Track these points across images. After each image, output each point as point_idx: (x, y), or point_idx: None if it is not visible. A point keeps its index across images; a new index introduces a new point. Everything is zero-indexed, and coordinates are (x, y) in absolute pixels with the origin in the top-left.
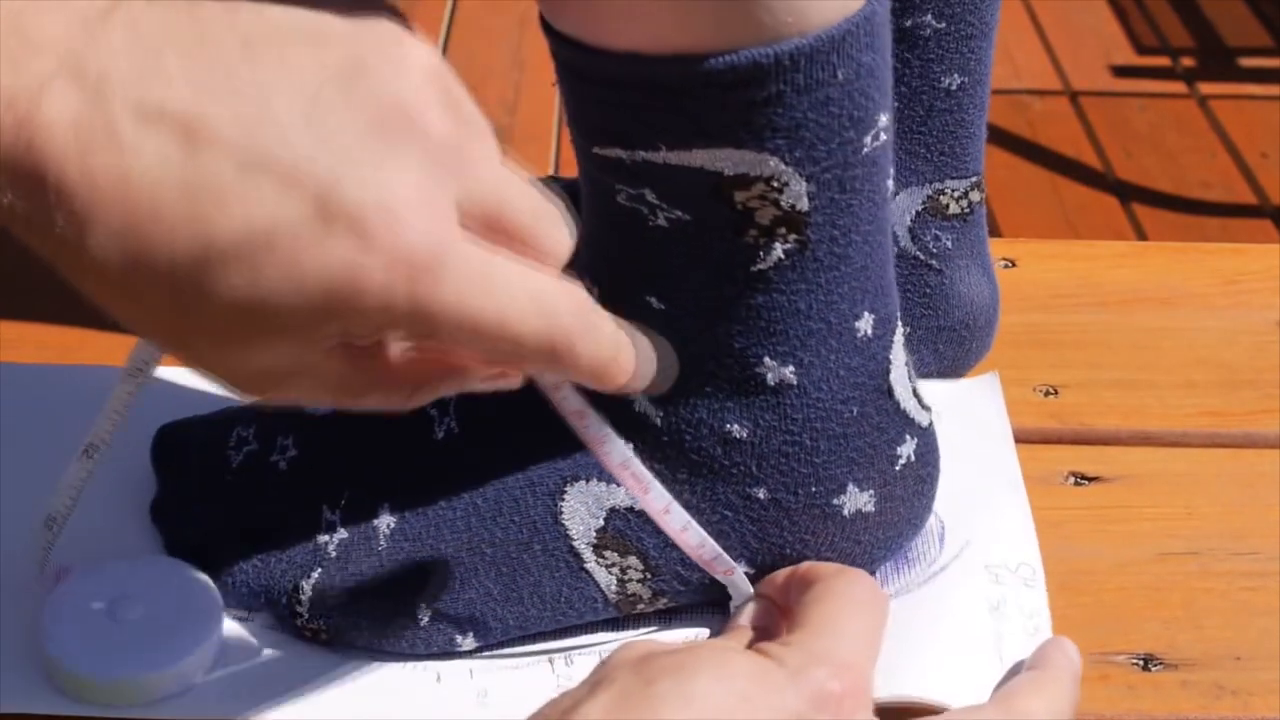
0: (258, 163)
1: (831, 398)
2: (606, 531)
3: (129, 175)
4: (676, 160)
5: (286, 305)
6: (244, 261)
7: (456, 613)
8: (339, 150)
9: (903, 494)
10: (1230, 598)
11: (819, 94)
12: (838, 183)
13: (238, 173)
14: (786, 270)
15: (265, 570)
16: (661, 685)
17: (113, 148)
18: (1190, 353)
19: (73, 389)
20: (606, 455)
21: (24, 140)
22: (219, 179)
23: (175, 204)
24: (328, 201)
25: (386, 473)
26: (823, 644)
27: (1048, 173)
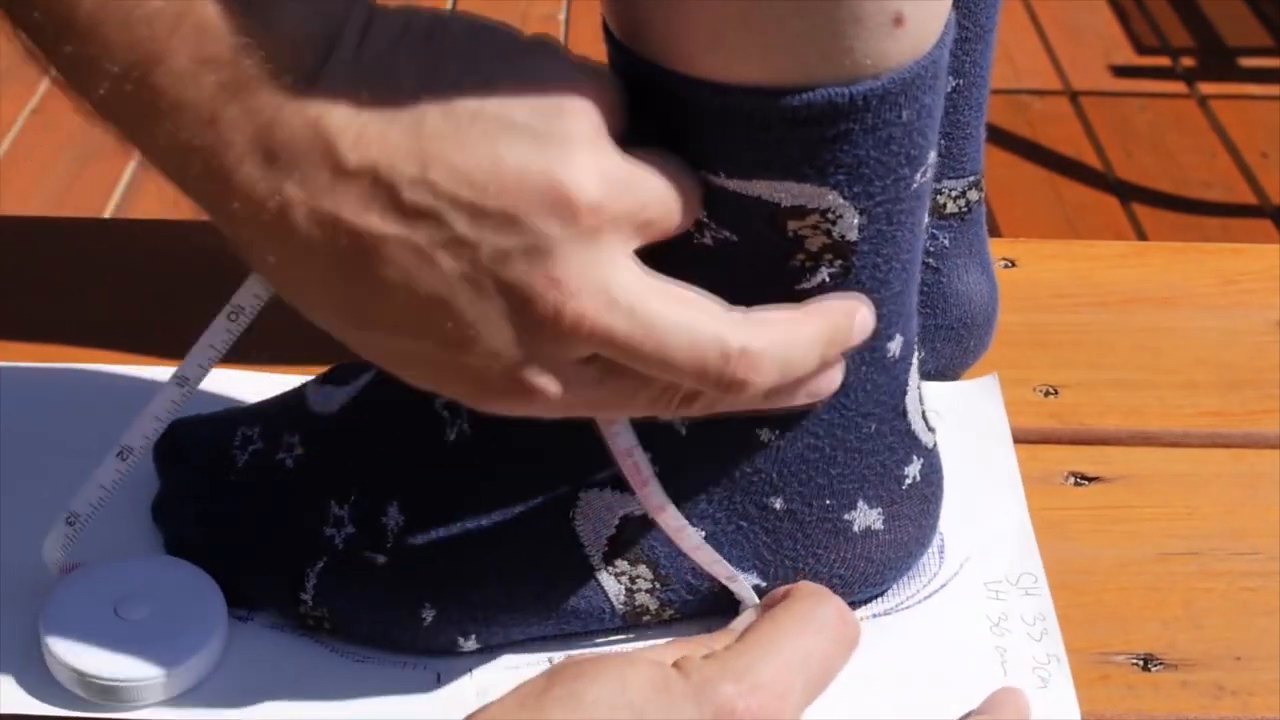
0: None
1: (854, 411)
2: (618, 540)
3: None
4: (735, 187)
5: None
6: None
7: (460, 614)
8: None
9: (909, 513)
10: (1230, 598)
11: (883, 133)
12: (886, 215)
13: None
14: (829, 291)
15: (268, 563)
16: (558, 689)
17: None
18: (1190, 353)
19: (73, 389)
20: (648, 497)
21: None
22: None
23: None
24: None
25: (397, 472)
26: (744, 661)
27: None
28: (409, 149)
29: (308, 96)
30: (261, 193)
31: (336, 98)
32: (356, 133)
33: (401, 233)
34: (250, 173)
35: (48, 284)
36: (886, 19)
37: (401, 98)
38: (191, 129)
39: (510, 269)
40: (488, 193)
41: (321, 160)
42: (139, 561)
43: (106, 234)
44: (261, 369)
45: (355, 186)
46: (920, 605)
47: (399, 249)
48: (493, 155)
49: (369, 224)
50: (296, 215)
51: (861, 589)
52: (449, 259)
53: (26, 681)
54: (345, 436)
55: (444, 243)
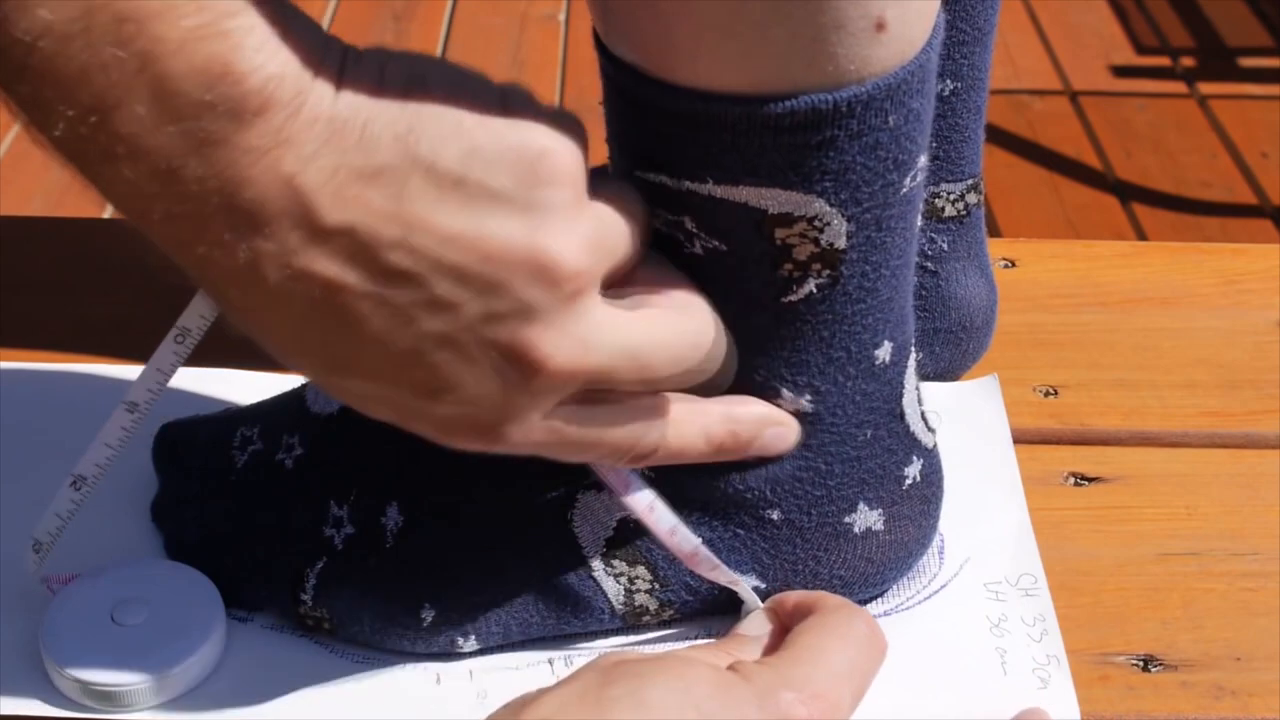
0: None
1: (846, 423)
2: (616, 541)
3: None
4: (722, 194)
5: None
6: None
7: (460, 614)
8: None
9: (910, 513)
10: (1230, 598)
11: (870, 139)
12: (875, 222)
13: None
14: (816, 303)
15: (268, 564)
16: (618, 688)
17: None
18: (1190, 353)
19: (73, 389)
20: (635, 503)
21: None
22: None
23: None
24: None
25: (396, 473)
26: (800, 671)
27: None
28: (390, 212)
29: (279, 152)
30: (229, 245)
31: (311, 155)
32: (334, 192)
33: (380, 291)
34: (218, 226)
35: (48, 284)
36: (869, 24)
37: (380, 157)
38: (152, 178)
39: (492, 330)
40: (471, 259)
41: (298, 219)
42: (136, 566)
43: (106, 234)
44: (261, 369)
45: (333, 245)
46: (920, 606)
47: (377, 306)
48: (476, 223)
49: (346, 282)
50: (268, 268)
51: (862, 589)
52: (429, 318)
53: (27, 683)
54: (345, 437)
55: (424, 303)
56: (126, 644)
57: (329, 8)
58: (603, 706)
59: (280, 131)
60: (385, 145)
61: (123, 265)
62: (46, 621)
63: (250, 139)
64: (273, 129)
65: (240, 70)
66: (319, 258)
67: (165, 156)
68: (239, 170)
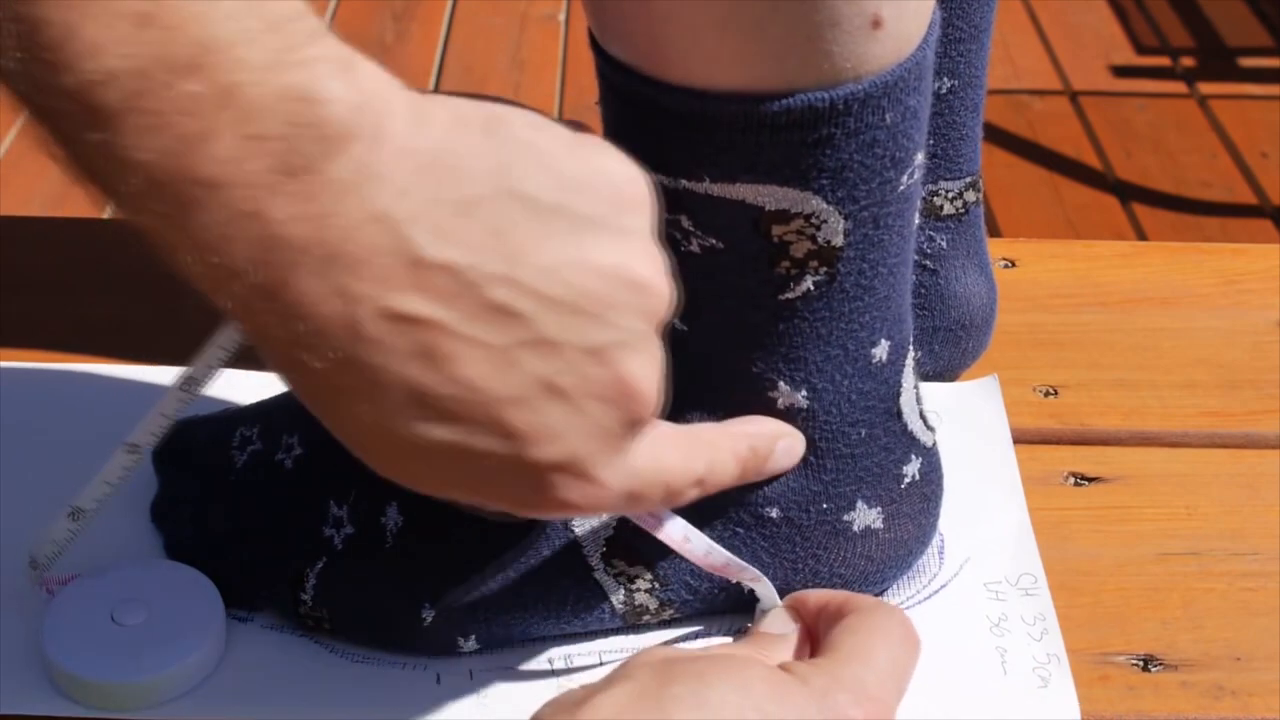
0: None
1: (840, 420)
2: (617, 541)
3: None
4: (719, 192)
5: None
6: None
7: (460, 615)
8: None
9: (909, 512)
10: (1230, 598)
11: (866, 136)
12: (872, 219)
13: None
14: (813, 300)
15: (268, 563)
16: (678, 688)
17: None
18: (1190, 353)
19: (73, 389)
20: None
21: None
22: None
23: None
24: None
25: None
26: (851, 671)
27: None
28: (493, 246)
29: (369, 186)
30: (319, 291)
31: (404, 189)
32: (433, 227)
33: (483, 334)
34: (307, 268)
35: (48, 284)
36: (864, 21)
37: (476, 190)
38: (235, 221)
39: (593, 365)
40: (574, 290)
41: (394, 256)
42: (136, 566)
43: (106, 234)
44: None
45: (432, 284)
46: (920, 606)
47: (477, 350)
48: (578, 251)
49: (446, 323)
50: (362, 313)
51: (862, 588)
52: (532, 359)
53: (26, 682)
54: None
55: (528, 343)
56: (126, 644)
57: (329, 8)
58: (664, 707)
59: (367, 165)
60: (480, 178)
61: (123, 265)
62: (47, 622)
63: (337, 170)
64: (359, 161)
65: (322, 98)
66: (416, 298)
67: (251, 194)
68: (328, 205)
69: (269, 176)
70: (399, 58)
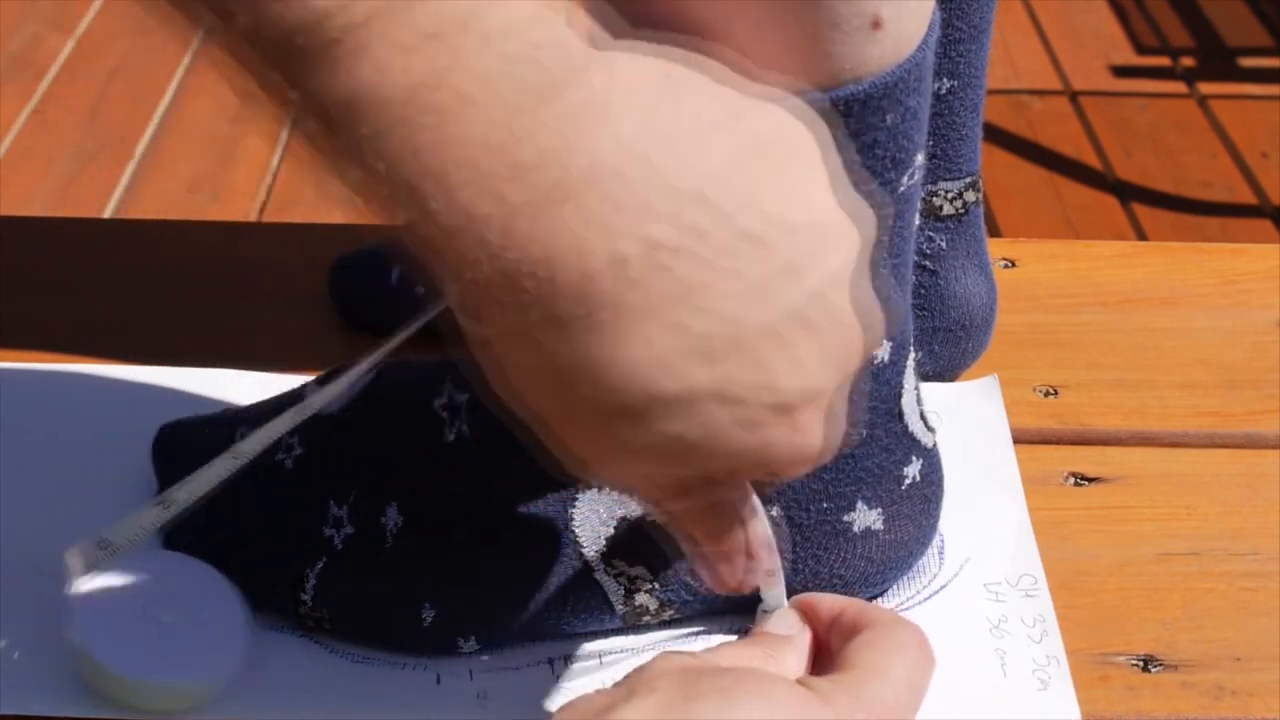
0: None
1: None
2: (616, 540)
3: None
4: None
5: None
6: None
7: (460, 615)
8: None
9: (909, 513)
10: (1230, 598)
11: (867, 138)
12: None
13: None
14: None
15: (268, 563)
16: (704, 704)
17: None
18: (1190, 353)
19: (73, 389)
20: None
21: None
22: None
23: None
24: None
25: (396, 473)
26: (871, 690)
27: (1048, 173)
28: (732, 172)
29: (614, 112)
30: (575, 228)
31: (643, 115)
32: (677, 154)
33: (738, 264)
34: (563, 202)
35: (48, 284)
36: (864, 22)
37: (705, 120)
38: (484, 158)
39: (837, 293)
40: (810, 217)
41: (648, 185)
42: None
43: (106, 234)
44: (261, 369)
45: (687, 213)
46: (920, 607)
47: (734, 281)
48: (805, 186)
49: (705, 255)
50: (624, 247)
51: (862, 589)
52: (783, 288)
53: (27, 681)
54: (344, 437)
55: (779, 271)
56: (160, 642)
57: None
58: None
59: (607, 91)
60: (705, 111)
61: (123, 265)
62: (76, 605)
63: (582, 94)
64: (599, 88)
65: (559, 21)
66: (674, 230)
67: (503, 114)
68: (576, 131)
69: (517, 97)
70: None
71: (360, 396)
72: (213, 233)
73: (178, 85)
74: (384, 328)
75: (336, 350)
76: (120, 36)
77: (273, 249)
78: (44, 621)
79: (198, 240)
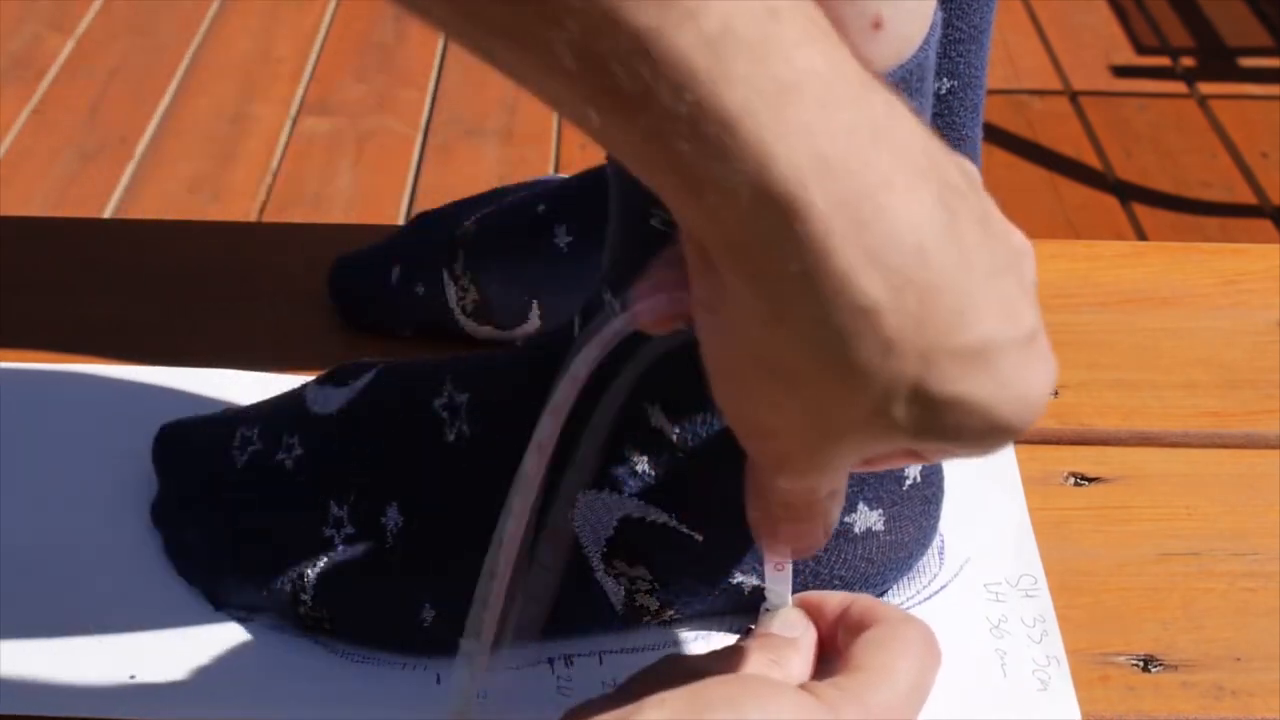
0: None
1: None
2: (617, 541)
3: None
4: None
5: (1004, 414)
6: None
7: (460, 614)
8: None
9: (910, 514)
10: (1230, 598)
11: None
12: None
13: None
14: None
15: (269, 563)
16: (716, 715)
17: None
18: (1190, 353)
19: (73, 389)
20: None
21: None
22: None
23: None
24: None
25: (396, 472)
26: (880, 698)
27: (1048, 173)
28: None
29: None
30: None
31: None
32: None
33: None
34: (892, 177)
35: (48, 284)
36: (865, 23)
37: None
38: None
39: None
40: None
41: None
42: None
43: (106, 234)
44: (261, 369)
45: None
46: (920, 607)
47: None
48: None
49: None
50: (964, 210)
51: (862, 590)
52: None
53: (27, 681)
54: (344, 437)
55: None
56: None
57: (329, 8)
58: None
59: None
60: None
61: (123, 265)
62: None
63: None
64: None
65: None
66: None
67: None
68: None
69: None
70: (399, 58)
71: (360, 397)
72: (213, 233)
73: (178, 85)
74: (384, 328)
75: (336, 350)
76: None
77: (273, 249)
78: (44, 621)
79: (198, 240)
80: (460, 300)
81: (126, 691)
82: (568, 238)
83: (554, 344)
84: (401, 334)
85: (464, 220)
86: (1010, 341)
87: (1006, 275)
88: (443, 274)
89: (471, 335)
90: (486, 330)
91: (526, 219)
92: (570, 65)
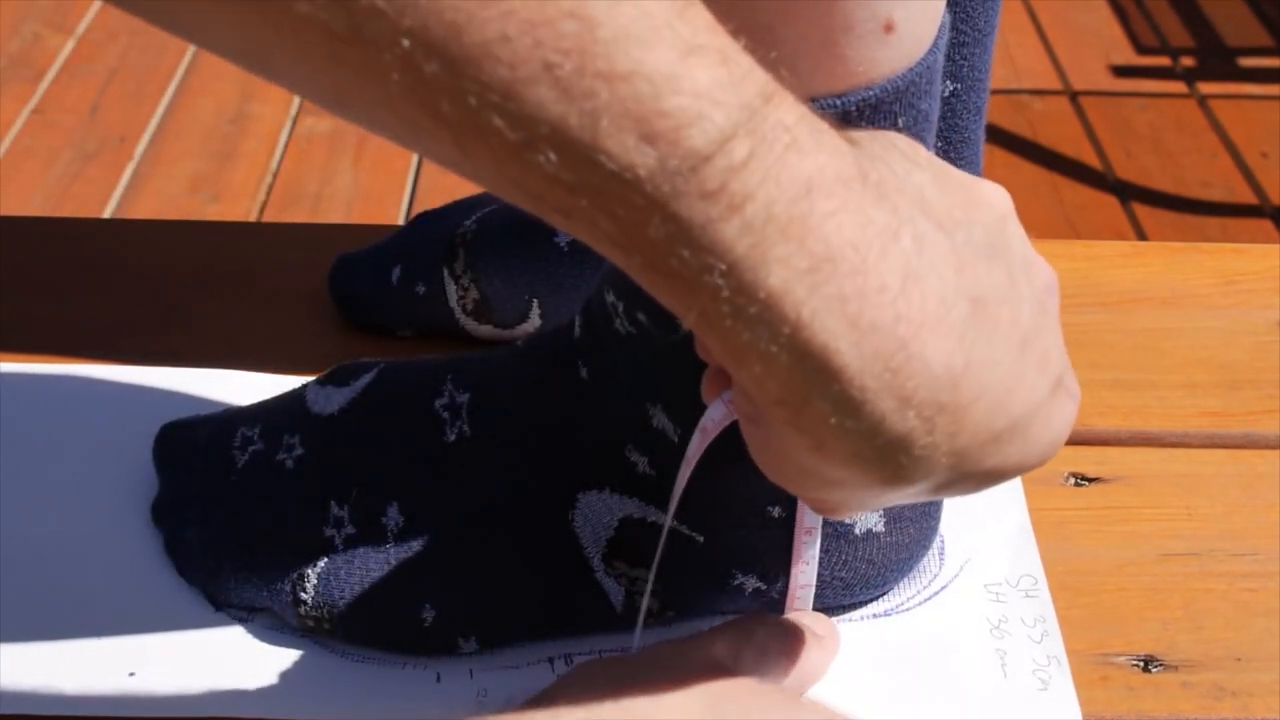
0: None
1: None
2: (618, 541)
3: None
4: None
5: (1034, 462)
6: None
7: (460, 614)
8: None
9: (910, 515)
10: (1230, 598)
11: None
12: None
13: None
14: None
15: (269, 563)
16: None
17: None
18: (1190, 353)
19: (73, 390)
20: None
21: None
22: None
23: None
24: (1060, 376)
25: (396, 472)
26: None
27: (1048, 173)
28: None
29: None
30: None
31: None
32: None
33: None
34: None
35: (48, 284)
36: (877, 26)
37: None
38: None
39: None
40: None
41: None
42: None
43: (106, 234)
44: (261, 369)
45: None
46: (920, 607)
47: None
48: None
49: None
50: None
51: (863, 590)
52: (1050, 301)
53: (27, 682)
54: (345, 437)
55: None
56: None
57: None
58: None
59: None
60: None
61: (123, 265)
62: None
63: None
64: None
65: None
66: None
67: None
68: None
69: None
70: None
71: (361, 396)
72: (213, 233)
73: (178, 85)
74: (384, 328)
75: (336, 350)
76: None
77: (273, 249)
78: (44, 621)
79: (198, 240)
80: (461, 299)
81: (126, 691)
82: (568, 237)
83: (554, 344)
84: (401, 334)
85: (464, 220)
86: (1040, 404)
87: (1036, 338)
88: (443, 273)
89: (472, 335)
90: (487, 329)
91: (527, 218)
92: (636, 265)
